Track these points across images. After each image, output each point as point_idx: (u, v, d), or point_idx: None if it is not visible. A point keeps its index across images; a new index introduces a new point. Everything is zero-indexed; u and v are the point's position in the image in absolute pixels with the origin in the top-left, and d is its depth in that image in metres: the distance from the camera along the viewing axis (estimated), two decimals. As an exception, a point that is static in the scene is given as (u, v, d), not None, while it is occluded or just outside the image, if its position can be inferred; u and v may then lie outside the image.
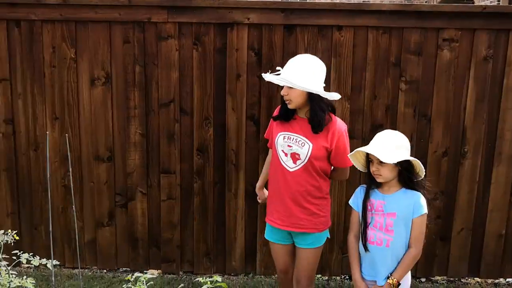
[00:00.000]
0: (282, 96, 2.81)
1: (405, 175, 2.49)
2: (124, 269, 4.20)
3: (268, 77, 2.79)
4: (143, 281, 2.76)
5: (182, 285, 2.90)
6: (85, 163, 4.04)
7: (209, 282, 2.83)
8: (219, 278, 2.84)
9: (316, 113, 2.72)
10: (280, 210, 2.88)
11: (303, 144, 2.76)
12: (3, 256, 2.68)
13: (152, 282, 2.82)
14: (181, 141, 3.99)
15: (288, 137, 2.81)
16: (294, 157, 2.78)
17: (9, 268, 2.70)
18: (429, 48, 3.79)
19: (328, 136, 2.74)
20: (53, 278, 2.33)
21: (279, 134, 2.87)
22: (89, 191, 4.07)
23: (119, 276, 4.10)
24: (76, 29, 3.88)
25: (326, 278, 4.12)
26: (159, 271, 4.16)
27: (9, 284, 2.63)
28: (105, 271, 4.17)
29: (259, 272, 4.12)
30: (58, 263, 2.82)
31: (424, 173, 2.53)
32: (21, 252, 2.64)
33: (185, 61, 3.89)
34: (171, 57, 3.88)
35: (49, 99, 3.97)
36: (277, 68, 2.86)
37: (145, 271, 4.10)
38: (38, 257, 2.77)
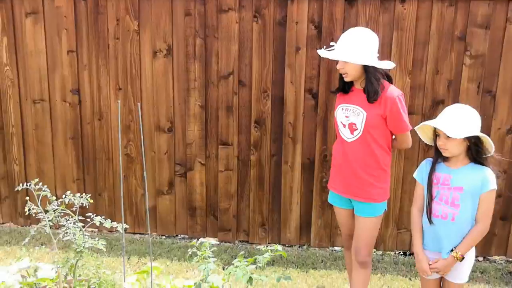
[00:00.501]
0: None
1: (473, 150, 2.45)
2: (182, 236, 4.35)
3: (323, 53, 2.86)
4: (207, 246, 2.85)
5: (242, 252, 2.99)
6: (147, 133, 4.17)
7: (270, 251, 2.92)
8: (279, 247, 2.93)
9: (371, 83, 2.76)
10: (340, 178, 2.98)
11: (358, 114, 2.82)
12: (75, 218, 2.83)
13: (215, 248, 2.92)
14: (239, 113, 4.05)
15: (345, 108, 2.89)
16: (351, 127, 2.85)
17: (84, 229, 2.87)
18: (497, 21, 3.66)
19: (381, 103, 2.76)
20: (123, 240, 2.46)
21: (338, 106, 2.95)
22: (150, 161, 4.21)
23: (177, 242, 4.25)
24: (139, 2, 3.97)
25: (381, 252, 4.13)
26: (216, 239, 4.29)
27: (84, 244, 2.79)
28: (164, 237, 4.34)
29: (313, 244, 4.18)
30: (128, 226, 2.96)
31: (493, 149, 2.48)
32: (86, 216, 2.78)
33: (245, 34, 3.92)
34: (231, 30, 3.92)
35: (113, 70, 4.11)
36: (331, 43, 2.90)
37: (202, 239, 4.25)
38: (109, 220, 2.92)
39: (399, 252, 4.14)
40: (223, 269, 3.10)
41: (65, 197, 2.81)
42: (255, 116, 4.03)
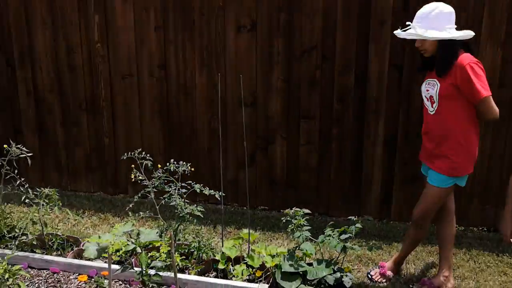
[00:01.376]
0: None
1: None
2: (262, 207, 4.47)
3: (399, 33, 2.98)
4: (301, 215, 2.95)
5: (332, 222, 3.08)
6: (230, 107, 4.29)
7: (360, 221, 2.98)
8: (370, 218, 2.98)
9: (441, 56, 2.86)
10: (424, 148, 3.13)
11: (434, 86, 2.92)
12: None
13: (308, 217, 3.01)
14: (322, 88, 4.08)
15: (428, 82, 3.00)
16: (432, 100, 2.95)
17: (184, 196, 3.03)
18: None
19: (452, 72, 2.81)
20: (222, 206, 2.59)
21: (424, 81, 3.05)
22: (232, 134, 4.34)
23: (258, 213, 4.38)
24: (225, -22, 4.05)
25: (463, 228, 4.09)
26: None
27: (184, 210, 2.95)
28: (245, 208, 4.48)
29: (393, 218, 4.19)
30: (224, 194, 3.10)
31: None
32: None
33: (329, 8, 3.92)
34: (315, 4, 3.93)
35: (198, 45, 4.23)
36: (407, 23, 2.98)
37: (282, 211, 4.36)
38: (207, 188, 3.07)
39: (483, 229, 4.09)
40: (310, 239, 3.19)
41: (169, 165, 2.98)
42: (337, 90, 4.05)
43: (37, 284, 2.80)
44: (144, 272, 2.55)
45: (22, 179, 3.17)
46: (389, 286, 3.21)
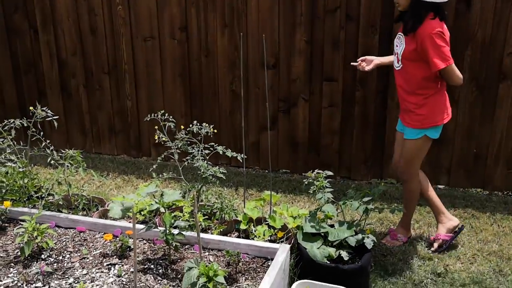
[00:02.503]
0: None
1: None
2: (284, 170, 4.48)
3: None
4: (322, 177, 2.93)
5: (353, 185, 3.07)
6: (251, 69, 4.24)
7: (383, 183, 2.96)
8: (394, 181, 2.96)
9: (409, 15, 2.87)
10: (400, 103, 3.19)
11: (400, 44, 2.99)
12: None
13: (330, 180, 3.00)
14: (346, 49, 4.00)
15: (398, 37, 3.04)
16: (397, 57, 3.03)
17: (207, 157, 3.04)
18: None
19: (415, 37, 2.85)
20: (243, 168, 2.60)
21: (397, 34, 3.07)
22: (254, 96, 4.31)
23: (280, 176, 4.39)
24: None
25: (487, 192, 4.04)
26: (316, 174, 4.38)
27: (207, 171, 2.97)
28: (266, 171, 4.49)
29: (416, 182, 4.15)
30: (246, 157, 3.10)
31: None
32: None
33: (354, -35, 3.80)
34: (340, -38, 3.81)
35: (219, 6, 4.16)
36: None
37: (303, 174, 4.35)
38: (229, 150, 3.07)
39: (508, 193, 4.03)
40: (332, 202, 3.18)
41: (191, 126, 2.98)
42: (361, 51, 3.96)
43: (64, 242, 2.88)
44: (167, 231, 2.59)
45: (48, 141, 3.21)
46: (401, 248, 3.22)
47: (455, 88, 3.66)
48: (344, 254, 2.71)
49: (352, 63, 3.35)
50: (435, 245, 3.22)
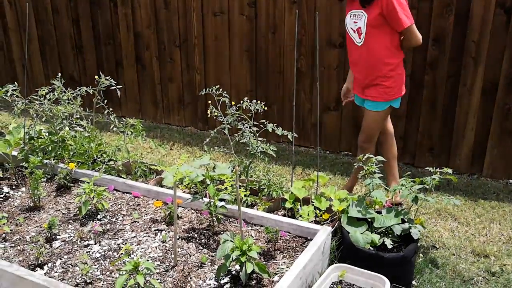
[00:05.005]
0: None
1: None
2: (346, 152, 4.40)
3: None
4: (373, 162, 2.85)
5: (409, 172, 2.95)
6: (318, 48, 4.16)
7: (439, 173, 2.82)
8: (449, 170, 2.81)
9: None
10: (356, 80, 3.24)
11: (361, 17, 2.99)
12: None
13: (381, 165, 2.91)
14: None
15: (353, 14, 3.05)
16: (359, 31, 3.03)
17: (257, 134, 3.06)
18: None
19: (378, 3, 2.90)
20: (292, 147, 2.59)
21: (347, 13, 3.10)
22: (319, 76, 4.24)
23: (341, 158, 4.32)
24: None
25: None
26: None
27: (257, 148, 2.99)
28: (327, 152, 4.43)
29: (485, 175, 3.91)
30: (297, 135, 3.08)
31: None
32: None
33: None
34: None
35: (289, -17, 4.12)
36: None
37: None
38: (280, 128, 3.07)
39: None
40: (385, 188, 3.09)
41: (242, 102, 3.01)
42: (434, 32, 3.75)
43: (119, 205, 3.05)
44: (212, 203, 2.66)
45: (112, 109, 3.39)
46: (455, 242, 3.05)
47: None
48: (388, 242, 2.63)
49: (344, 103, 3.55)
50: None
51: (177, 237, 2.70)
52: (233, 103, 3.12)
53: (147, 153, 4.41)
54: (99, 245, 2.65)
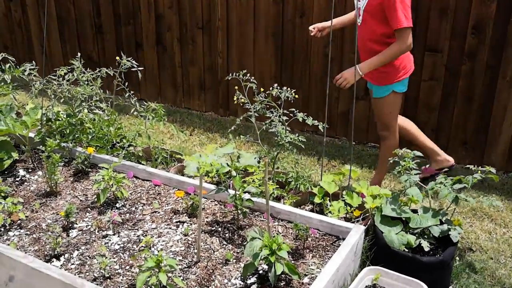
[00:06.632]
0: None
1: None
2: (373, 144, 4.21)
3: None
4: (410, 157, 2.68)
5: (445, 169, 2.76)
6: (348, 33, 3.96)
7: (480, 172, 2.63)
8: (493, 169, 2.61)
9: None
10: (362, 59, 3.10)
11: None
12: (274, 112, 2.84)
13: (423, 158, 2.72)
14: (455, 17, 3.58)
15: None
16: (359, 12, 2.97)
17: (286, 123, 2.89)
18: None
19: None
20: (324, 138, 2.42)
21: None
22: (348, 62, 4.04)
23: (367, 150, 4.14)
24: None
25: None
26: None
27: (286, 138, 2.82)
28: (354, 143, 4.25)
29: (522, 172, 3.71)
30: (328, 126, 2.90)
31: None
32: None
33: None
34: None
35: (320, -36, 3.90)
36: None
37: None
38: (311, 118, 2.89)
39: None
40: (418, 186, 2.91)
41: (271, 89, 2.83)
42: (474, 20, 3.52)
43: (139, 194, 2.91)
44: (237, 195, 2.51)
45: (131, 92, 3.23)
46: (493, 245, 2.87)
47: None
48: (425, 244, 2.46)
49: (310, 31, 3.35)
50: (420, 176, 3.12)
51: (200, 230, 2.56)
52: (261, 90, 2.94)
53: (167, 139, 4.26)
54: (118, 236, 2.52)
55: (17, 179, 3.10)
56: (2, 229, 2.57)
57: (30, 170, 3.20)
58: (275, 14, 4.21)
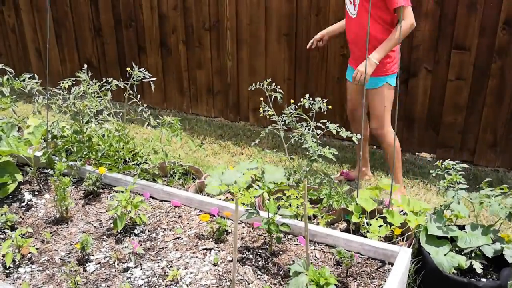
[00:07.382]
0: None
1: None
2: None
3: None
4: (453, 168, 2.46)
5: (488, 179, 2.55)
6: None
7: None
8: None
9: None
10: (352, 53, 3.16)
11: None
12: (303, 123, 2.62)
13: (463, 172, 2.50)
14: (484, 12, 3.36)
15: None
16: (354, 2, 2.94)
17: (318, 136, 2.66)
18: None
19: None
20: (359, 153, 2.20)
21: None
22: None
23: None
24: None
25: None
26: (432, 155, 3.86)
27: (316, 152, 2.60)
28: (374, 147, 4.03)
29: (557, 174, 3.51)
30: (361, 137, 2.68)
31: None
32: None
33: None
34: None
35: (336, -42, 3.65)
36: None
37: (417, 153, 3.86)
38: (343, 129, 2.67)
39: None
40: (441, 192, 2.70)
41: (303, 100, 2.60)
42: (505, 15, 3.31)
43: (158, 217, 2.68)
44: (270, 220, 2.28)
45: (141, 101, 2.99)
46: None
47: None
48: (478, 266, 2.25)
49: (308, 47, 3.32)
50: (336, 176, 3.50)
51: (229, 258, 2.33)
52: (292, 101, 2.71)
53: (176, 148, 4.02)
54: (141, 269, 2.28)
55: (23, 203, 2.85)
56: (12, 265, 2.33)
57: (36, 193, 2.95)
58: (288, 12, 3.97)
